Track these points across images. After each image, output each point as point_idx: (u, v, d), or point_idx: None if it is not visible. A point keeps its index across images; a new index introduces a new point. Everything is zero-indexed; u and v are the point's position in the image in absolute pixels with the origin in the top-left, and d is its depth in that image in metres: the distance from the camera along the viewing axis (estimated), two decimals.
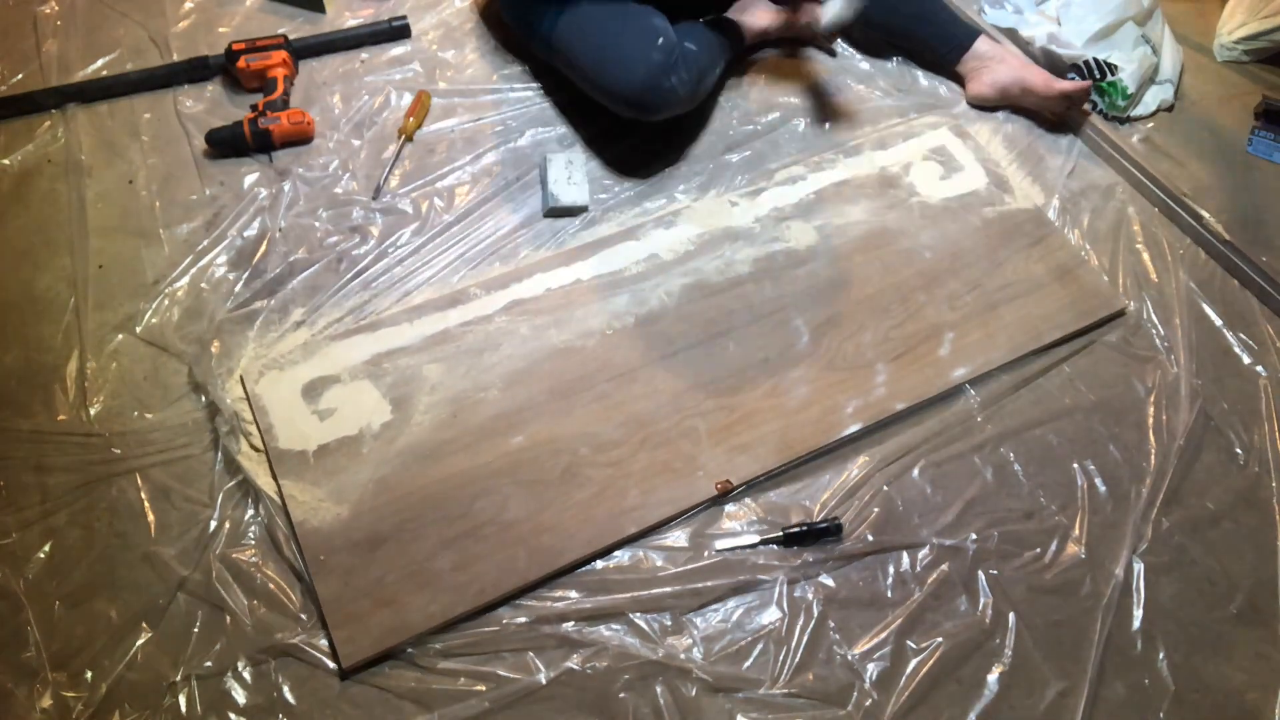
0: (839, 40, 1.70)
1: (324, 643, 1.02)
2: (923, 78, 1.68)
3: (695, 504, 1.14)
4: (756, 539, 1.13)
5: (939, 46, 1.63)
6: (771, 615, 1.08)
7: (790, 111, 1.60)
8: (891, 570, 1.13)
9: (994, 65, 1.60)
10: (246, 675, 1.00)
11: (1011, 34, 1.72)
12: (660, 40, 1.36)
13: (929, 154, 1.53)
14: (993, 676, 1.06)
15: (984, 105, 1.63)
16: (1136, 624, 1.11)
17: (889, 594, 1.11)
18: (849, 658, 1.06)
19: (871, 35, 1.70)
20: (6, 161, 1.41)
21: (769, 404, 1.22)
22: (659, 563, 1.11)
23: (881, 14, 1.61)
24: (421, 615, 1.03)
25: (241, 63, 1.48)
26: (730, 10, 1.62)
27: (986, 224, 1.44)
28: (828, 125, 1.58)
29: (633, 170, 1.48)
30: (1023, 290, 1.37)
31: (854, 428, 1.21)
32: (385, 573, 1.05)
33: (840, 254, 1.38)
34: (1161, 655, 1.09)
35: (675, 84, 1.36)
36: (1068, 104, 1.57)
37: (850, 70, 1.67)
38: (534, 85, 1.58)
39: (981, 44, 1.61)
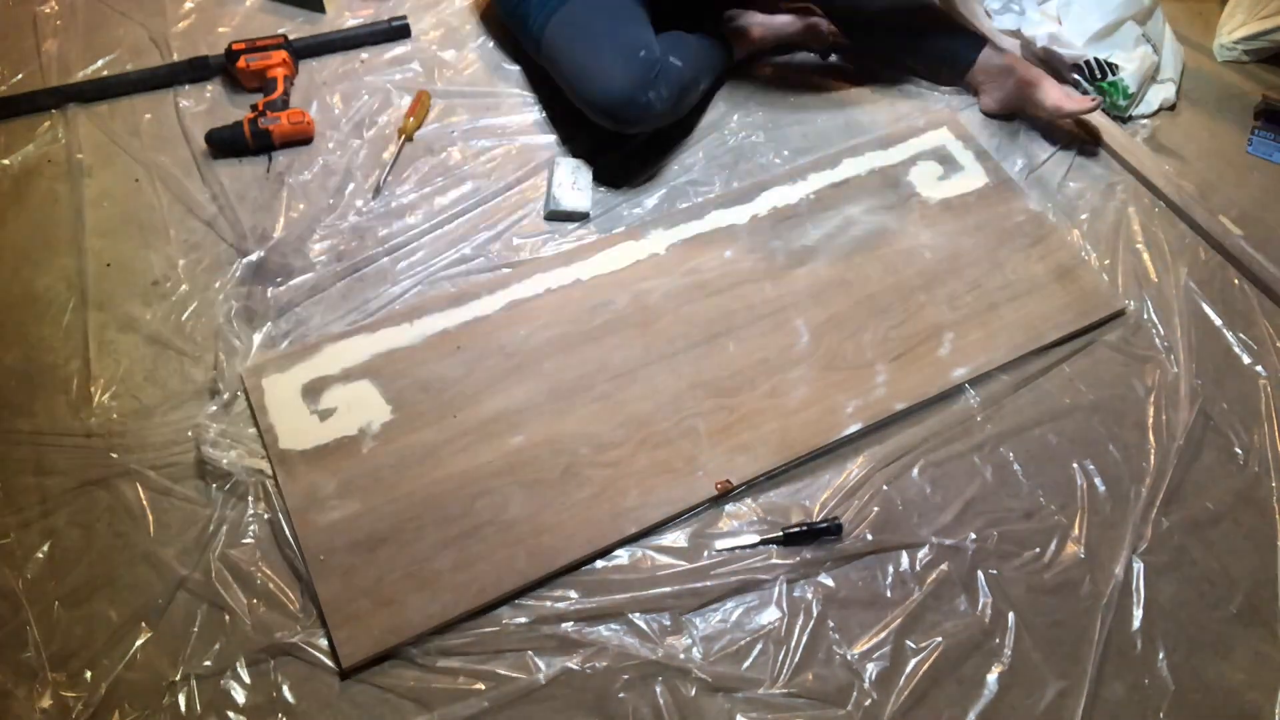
0: (834, 41, 1.69)
1: (324, 642, 1.02)
2: (923, 78, 1.68)
3: (695, 504, 1.14)
4: (756, 539, 1.13)
5: (943, 66, 1.62)
6: (771, 615, 1.08)
7: (791, 113, 1.59)
8: (891, 570, 1.13)
9: (1001, 80, 1.58)
10: (246, 675, 1.00)
11: (1012, 34, 1.72)
12: (642, 53, 1.35)
13: (929, 154, 1.53)
14: (992, 676, 1.06)
15: (994, 117, 1.63)
16: (1136, 624, 1.11)
17: (888, 594, 1.11)
18: (848, 657, 1.06)
19: (875, 51, 1.68)
20: (6, 161, 1.41)
21: (769, 404, 1.22)
22: (659, 562, 1.11)
23: (883, 36, 1.60)
24: (421, 615, 1.03)
25: (241, 63, 1.48)
26: (725, 21, 1.60)
27: (986, 224, 1.44)
28: (828, 126, 1.58)
29: (633, 171, 1.48)
30: (1023, 290, 1.37)
31: (854, 428, 1.21)
32: (385, 573, 1.05)
33: (840, 254, 1.38)
34: (1161, 655, 1.09)
35: (653, 99, 1.35)
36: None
37: (850, 71, 1.67)
38: (535, 86, 1.58)
39: (987, 56, 1.58)
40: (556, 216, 1.41)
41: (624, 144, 1.49)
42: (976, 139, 1.57)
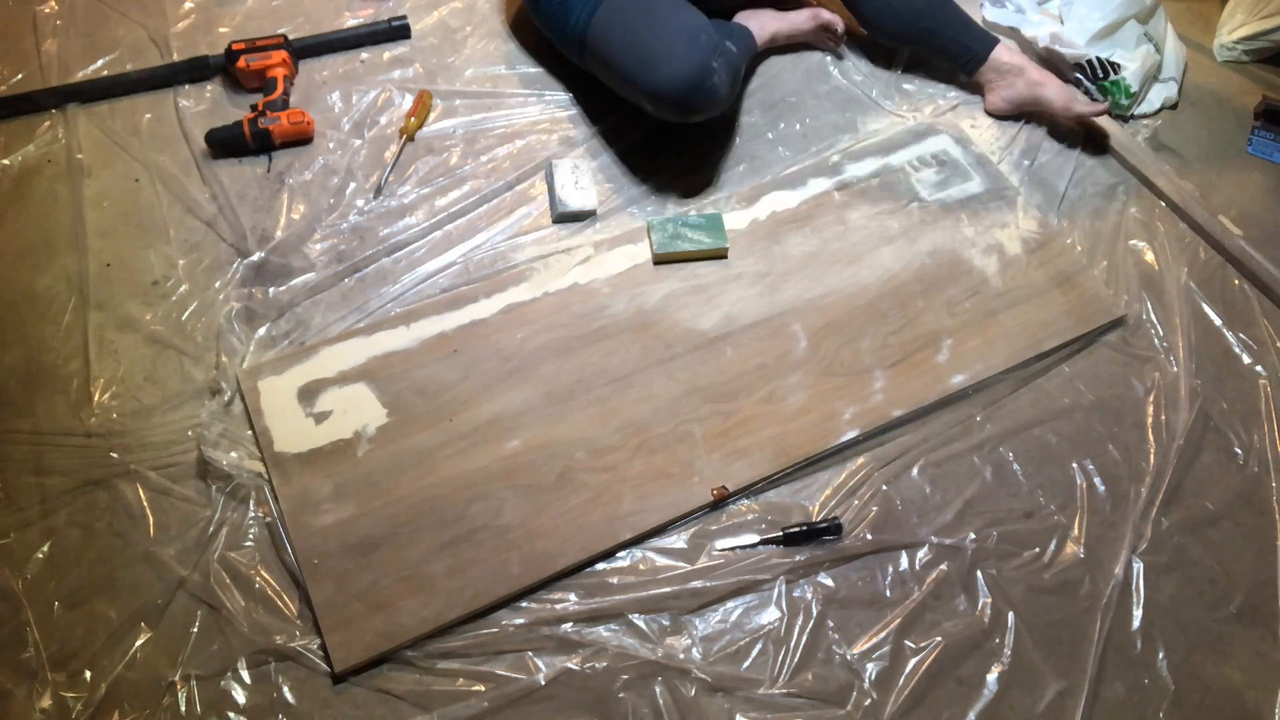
0: (844, 44, 1.68)
1: (319, 645, 1.02)
2: (923, 82, 1.67)
3: (691, 510, 1.14)
4: (756, 539, 1.13)
5: (955, 60, 1.61)
6: (771, 615, 1.08)
7: (792, 114, 1.59)
8: (890, 570, 1.13)
9: (1011, 79, 1.58)
10: (245, 675, 1.00)
11: (1013, 34, 1.71)
12: (703, 36, 1.32)
13: (929, 158, 1.52)
14: (992, 676, 1.06)
15: (1001, 118, 1.63)
16: (1136, 624, 1.11)
17: (888, 593, 1.11)
18: (848, 657, 1.06)
19: (885, 43, 1.67)
20: (6, 161, 1.41)
21: (766, 410, 1.22)
22: (658, 563, 1.11)
23: (896, 26, 1.59)
24: (415, 620, 1.02)
25: (241, 63, 1.48)
26: (738, 17, 1.59)
27: (987, 229, 1.44)
28: (830, 128, 1.58)
29: (633, 174, 1.48)
30: (1022, 297, 1.36)
31: (851, 434, 1.21)
32: (379, 577, 1.05)
33: (839, 258, 1.38)
34: (1161, 655, 1.09)
35: (718, 83, 1.33)
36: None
37: (852, 74, 1.67)
38: (535, 87, 1.58)
39: (999, 54, 1.57)
40: (565, 218, 1.41)
41: (624, 142, 1.49)
42: (977, 142, 1.56)
